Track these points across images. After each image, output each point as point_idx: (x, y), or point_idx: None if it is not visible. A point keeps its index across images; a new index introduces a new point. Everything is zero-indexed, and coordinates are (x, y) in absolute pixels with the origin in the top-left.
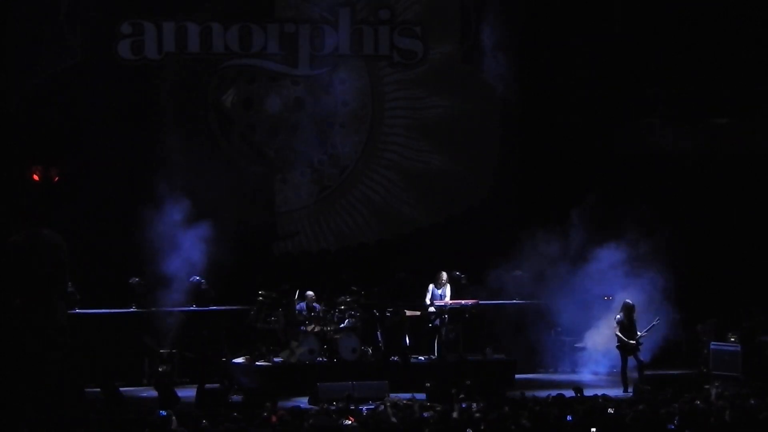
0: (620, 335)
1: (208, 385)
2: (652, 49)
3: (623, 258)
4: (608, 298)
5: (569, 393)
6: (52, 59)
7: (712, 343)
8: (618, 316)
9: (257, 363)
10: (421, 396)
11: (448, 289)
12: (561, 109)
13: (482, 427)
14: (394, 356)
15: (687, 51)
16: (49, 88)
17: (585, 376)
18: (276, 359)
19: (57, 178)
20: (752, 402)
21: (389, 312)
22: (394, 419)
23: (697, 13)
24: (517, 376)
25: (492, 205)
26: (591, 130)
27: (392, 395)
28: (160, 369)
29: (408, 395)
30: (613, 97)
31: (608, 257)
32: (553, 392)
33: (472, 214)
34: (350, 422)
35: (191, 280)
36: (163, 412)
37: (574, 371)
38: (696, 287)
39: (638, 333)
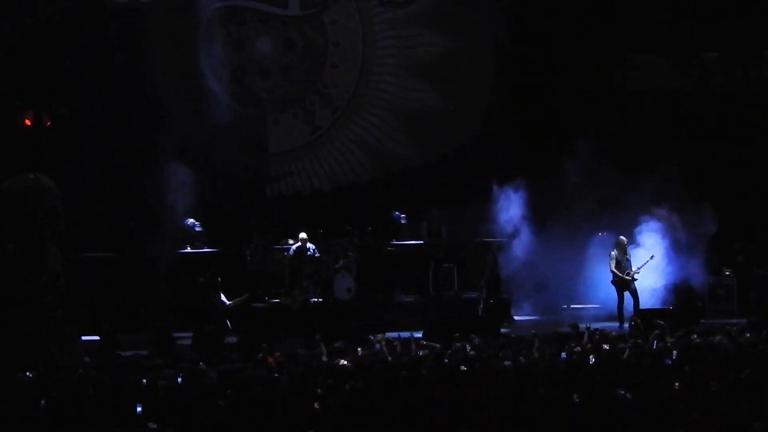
0: (615, 271)
1: (204, 328)
2: None
3: (619, 194)
4: (602, 234)
5: (565, 329)
6: (41, 4)
7: (708, 277)
8: (613, 253)
9: (253, 305)
10: (418, 334)
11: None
12: (555, 46)
13: (476, 365)
14: (389, 295)
15: None
16: (39, 32)
17: (581, 311)
18: (273, 300)
19: (49, 123)
20: (747, 335)
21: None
22: (389, 357)
23: None
24: (515, 316)
25: (485, 143)
26: (586, 67)
27: (387, 334)
28: (156, 314)
29: (405, 334)
30: (608, 33)
31: (603, 194)
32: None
33: (465, 152)
34: (345, 363)
35: (184, 222)
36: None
37: (570, 307)
38: (692, 222)
39: (633, 269)
